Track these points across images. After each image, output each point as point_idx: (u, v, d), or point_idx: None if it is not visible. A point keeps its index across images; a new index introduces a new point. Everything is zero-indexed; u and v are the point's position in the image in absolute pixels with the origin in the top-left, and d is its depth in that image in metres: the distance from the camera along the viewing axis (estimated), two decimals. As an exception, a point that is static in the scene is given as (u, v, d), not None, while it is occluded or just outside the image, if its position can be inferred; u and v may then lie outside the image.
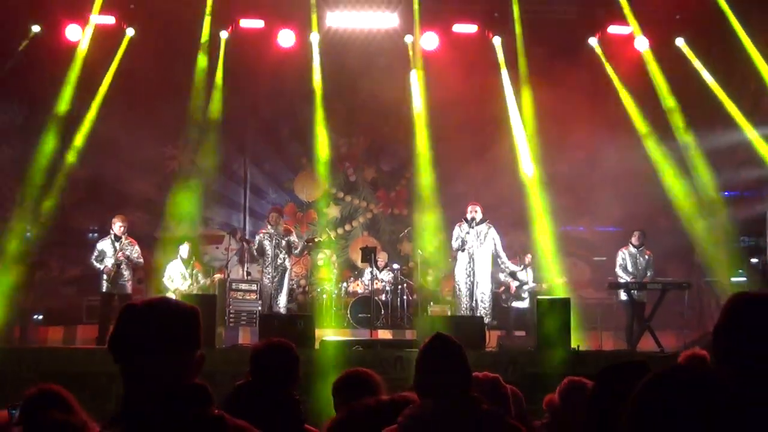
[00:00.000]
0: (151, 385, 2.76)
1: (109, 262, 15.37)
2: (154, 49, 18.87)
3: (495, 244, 15.50)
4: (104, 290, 15.44)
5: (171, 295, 15.96)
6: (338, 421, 4.73)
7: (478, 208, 15.58)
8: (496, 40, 19.10)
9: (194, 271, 16.89)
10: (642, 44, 18.80)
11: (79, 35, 18.35)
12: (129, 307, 2.93)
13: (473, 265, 15.32)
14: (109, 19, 18.43)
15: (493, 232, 15.52)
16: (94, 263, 15.53)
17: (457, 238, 15.46)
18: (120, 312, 2.92)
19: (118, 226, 15.58)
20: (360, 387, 5.04)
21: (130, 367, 2.79)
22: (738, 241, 18.55)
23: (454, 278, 15.83)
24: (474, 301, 15.25)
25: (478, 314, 15.02)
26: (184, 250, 16.84)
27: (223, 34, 18.86)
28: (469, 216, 15.47)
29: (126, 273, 15.55)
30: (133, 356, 2.79)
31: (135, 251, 15.68)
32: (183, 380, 2.81)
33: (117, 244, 15.49)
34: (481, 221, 15.49)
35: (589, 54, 19.06)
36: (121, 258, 15.39)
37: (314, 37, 19.07)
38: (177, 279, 16.56)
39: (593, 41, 19.08)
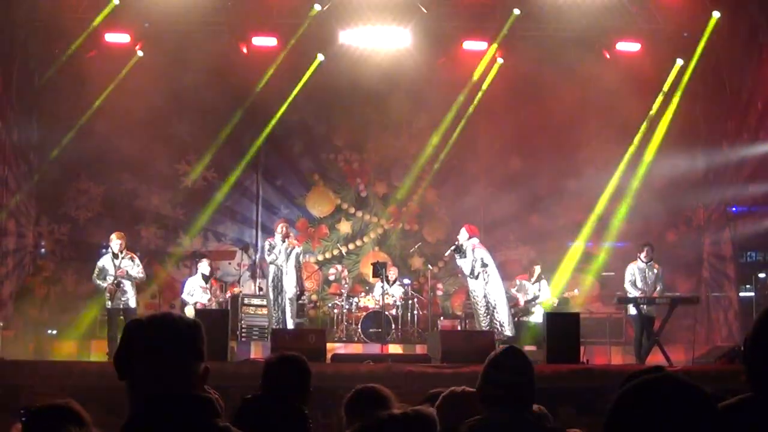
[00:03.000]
0: (155, 396, 2.81)
1: (110, 279, 15.38)
2: (167, 66, 19.08)
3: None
4: (108, 307, 15.45)
5: (190, 309, 16.14)
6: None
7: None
8: (503, 57, 19.28)
9: (213, 287, 17.08)
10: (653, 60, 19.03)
11: (95, 54, 18.60)
12: (133, 323, 3.00)
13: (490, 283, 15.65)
14: (124, 38, 18.62)
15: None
16: (96, 281, 15.58)
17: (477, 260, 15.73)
18: (125, 327, 2.99)
19: (116, 244, 15.57)
20: (372, 402, 4.95)
21: (135, 380, 2.86)
22: (745, 256, 18.60)
23: (472, 295, 15.99)
24: (493, 317, 15.58)
25: (497, 329, 15.28)
26: (205, 266, 17.03)
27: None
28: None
29: (129, 289, 15.55)
30: (137, 369, 2.85)
31: (135, 266, 15.66)
32: (187, 392, 2.86)
33: (116, 261, 15.53)
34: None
35: (596, 70, 19.16)
36: (121, 275, 15.42)
37: (326, 54, 19.31)
38: (197, 294, 16.75)
39: (603, 57, 19.16)
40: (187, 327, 2.98)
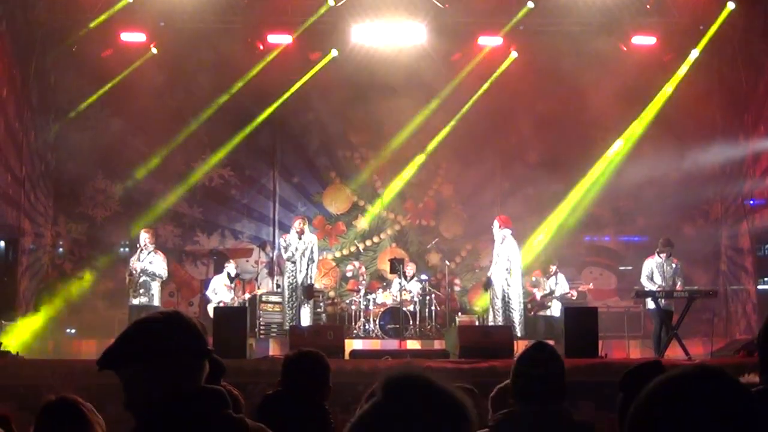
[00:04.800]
0: (162, 394, 2.80)
1: (133, 272, 15.64)
2: (183, 64, 19.14)
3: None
4: (131, 303, 15.62)
5: (213, 307, 16.28)
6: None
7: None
8: (519, 52, 19.31)
9: (237, 287, 17.23)
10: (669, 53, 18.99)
11: (111, 53, 18.67)
12: (140, 321, 2.98)
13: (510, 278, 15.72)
14: (140, 37, 18.67)
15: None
16: (127, 277, 15.81)
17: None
18: (133, 324, 2.97)
19: (143, 237, 15.81)
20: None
21: (135, 378, 2.85)
22: (763, 249, 18.52)
23: (491, 286, 16.02)
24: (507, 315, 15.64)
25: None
26: (231, 267, 17.35)
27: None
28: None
29: (153, 285, 15.69)
30: (140, 367, 2.84)
31: (155, 262, 15.73)
32: (194, 387, 2.85)
33: (141, 255, 15.69)
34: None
35: (612, 64, 19.08)
36: (133, 267, 15.57)
37: (340, 52, 19.32)
38: (221, 292, 16.93)
39: (619, 51, 19.10)
40: (185, 324, 2.94)
